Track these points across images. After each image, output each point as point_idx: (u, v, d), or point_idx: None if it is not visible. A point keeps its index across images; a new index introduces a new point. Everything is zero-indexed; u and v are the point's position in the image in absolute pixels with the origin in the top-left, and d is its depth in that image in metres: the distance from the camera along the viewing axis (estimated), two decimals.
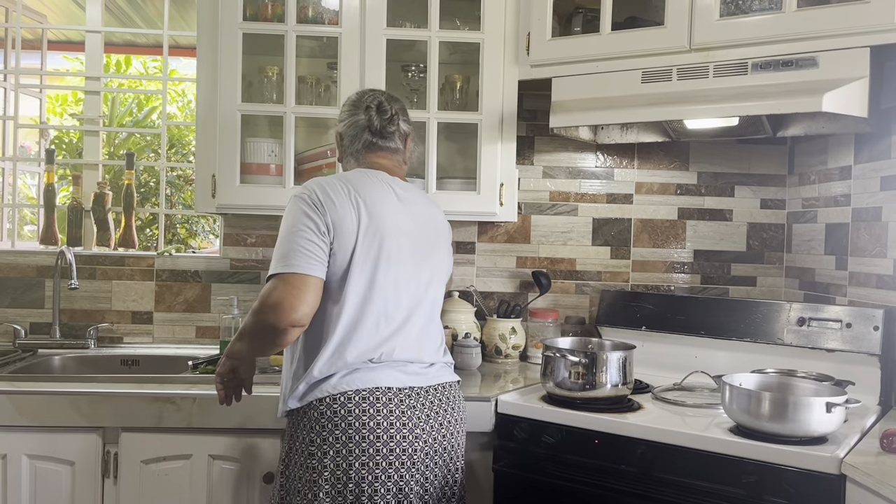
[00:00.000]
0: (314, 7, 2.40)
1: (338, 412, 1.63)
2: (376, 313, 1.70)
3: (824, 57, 1.89)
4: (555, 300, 2.76)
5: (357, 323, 1.68)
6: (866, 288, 2.19)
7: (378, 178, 1.80)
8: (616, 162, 2.76)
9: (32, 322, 2.69)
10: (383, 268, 1.71)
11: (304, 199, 1.69)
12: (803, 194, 2.59)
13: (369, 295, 1.69)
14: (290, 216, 1.68)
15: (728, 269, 2.75)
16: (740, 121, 2.32)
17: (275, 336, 1.62)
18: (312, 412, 1.66)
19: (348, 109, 1.88)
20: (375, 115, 1.83)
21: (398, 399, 1.68)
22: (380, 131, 1.84)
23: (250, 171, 2.39)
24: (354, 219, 1.69)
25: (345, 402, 1.64)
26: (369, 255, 1.69)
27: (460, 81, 2.54)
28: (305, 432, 1.66)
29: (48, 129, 3.45)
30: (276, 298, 1.59)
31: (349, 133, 1.87)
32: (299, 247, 1.63)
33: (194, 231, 4.86)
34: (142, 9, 3.54)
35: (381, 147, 1.85)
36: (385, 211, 1.74)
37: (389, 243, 1.72)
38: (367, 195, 1.74)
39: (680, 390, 2.15)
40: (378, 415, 1.64)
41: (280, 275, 1.62)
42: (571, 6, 2.44)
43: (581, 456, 1.88)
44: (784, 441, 1.65)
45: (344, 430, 1.62)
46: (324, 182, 1.74)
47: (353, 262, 1.67)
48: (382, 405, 1.66)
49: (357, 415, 1.63)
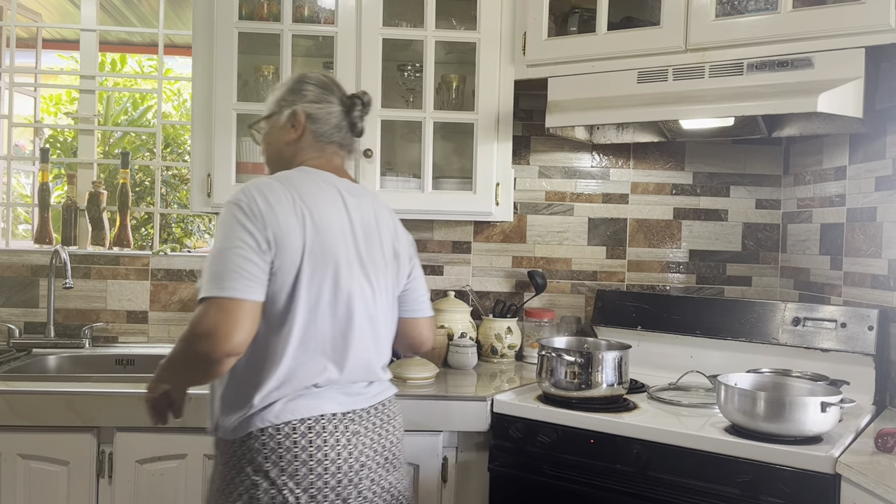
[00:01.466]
0: (310, 6, 2.40)
1: (282, 443, 1.47)
2: (324, 336, 1.53)
3: (820, 57, 1.90)
4: (550, 300, 2.76)
5: (303, 347, 1.50)
6: (861, 288, 2.19)
7: (325, 181, 1.60)
8: (612, 162, 2.77)
9: (27, 321, 2.68)
10: (331, 286, 1.53)
11: (242, 207, 1.46)
12: (798, 194, 2.60)
13: (315, 317, 1.51)
14: (225, 228, 1.46)
15: (723, 269, 2.76)
16: (736, 121, 2.33)
17: (208, 367, 1.43)
18: (253, 442, 1.48)
19: (318, 91, 1.65)
20: (360, 112, 1.67)
21: (343, 425, 1.53)
22: (359, 131, 1.69)
23: (246, 171, 2.38)
24: (300, 233, 1.49)
25: (289, 432, 1.48)
26: (316, 273, 1.50)
27: (456, 81, 2.54)
28: (245, 463, 1.49)
29: (43, 128, 3.44)
30: (209, 326, 1.39)
31: (323, 119, 1.64)
32: (235, 266, 1.42)
33: (189, 230, 4.85)
34: (137, 7, 3.53)
35: (345, 146, 1.68)
36: (333, 223, 1.55)
37: (338, 258, 1.53)
38: (314, 203, 1.53)
39: (675, 390, 2.15)
40: (325, 445, 1.50)
41: (213, 299, 1.40)
42: (567, 6, 2.45)
43: (577, 455, 1.89)
44: (779, 440, 1.66)
45: (290, 462, 1.47)
46: (264, 187, 1.51)
47: (298, 280, 1.48)
48: (329, 434, 1.51)
49: (303, 446, 1.48)
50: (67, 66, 4.65)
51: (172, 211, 4.49)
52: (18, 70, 2.95)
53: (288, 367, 1.49)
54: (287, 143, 1.65)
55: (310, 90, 1.65)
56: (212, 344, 1.39)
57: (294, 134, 1.64)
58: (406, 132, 2.67)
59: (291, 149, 1.65)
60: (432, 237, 2.76)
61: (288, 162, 1.65)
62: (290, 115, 1.64)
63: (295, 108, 1.63)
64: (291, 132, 1.64)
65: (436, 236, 2.76)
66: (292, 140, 1.64)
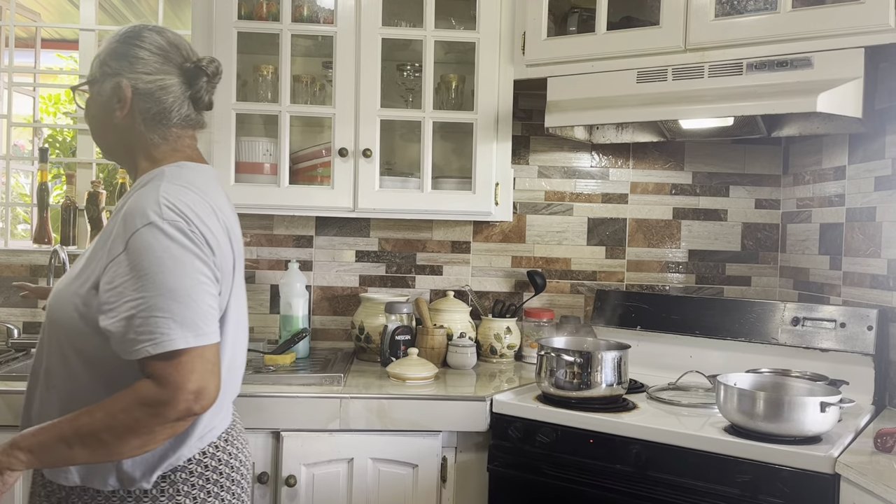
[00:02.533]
0: (309, 6, 2.40)
1: (209, 465, 1.38)
2: (241, 350, 1.46)
3: (819, 57, 1.90)
4: (550, 300, 2.76)
5: (232, 367, 1.41)
6: (860, 288, 2.19)
7: (215, 178, 1.46)
8: (611, 162, 2.77)
9: (25, 321, 2.68)
10: (243, 300, 1.45)
11: (185, 232, 1.24)
12: (798, 194, 2.60)
13: (237, 334, 1.43)
14: (176, 260, 1.22)
15: (723, 269, 2.76)
16: (735, 121, 2.33)
17: (181, 428, 1.25)
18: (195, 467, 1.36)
19: (153, 59, 1.36)
20: (207, 85, 1.42)
21: (238, 429, 1.50)
22: (207, 105, 1.44)
23: (245, 171, 2.38)
24: (230, 253, 1.36)
25: (214, 451, 1.39)
26: (235, 289, 1.39)
27: (456, 81, 2.53)
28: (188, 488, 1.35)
29: (42, 128, 3.43)
30: (201, 383, 1.21)
31: (155, 97, 1.36)
32: (207, 307, 1.25)
33: None
34: (136, 7, 3.53)
35: (197, 126, 1.45)
36: (235, 228, 1.42)
37: (241, 268, 1.43)
38: (224, 211, 1.38)
39: (675, 390, 2.15)
40: (238, 452, 1.46)
41: (195, 349, 1.21)
42: (567, 6, 2.45)
43: (576, 456, 1.88)
44: (778, 440, 1.66)
45: (220, 484, 1.40)
46: (192, 204, 1.28)
47: (229, 302, 1.36)
48: (237, 440, 1.47)
49: (226, 460, 1.41)
50: (66, 65, 4.64)
51: None
52: (17, 70, 2.94)
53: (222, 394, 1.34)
54: (115, 124, 1.38)
55: (143, 57, 1.35)
56: (203, 402, 1.22)
57: (120, 113, 1.36)
58: (405, 132, 2.67)
59: (130, 135, 1.38)
60: (431, 237, 2.76)
61: (130, 151, 1.41)
62: (114, 87, 1.35)
63: (120, 79, 1.35)
64: (117, 109, 1.36)
65: (435, 236, 2.76)
66: (120, 119, 1.36)
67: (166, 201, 1.25)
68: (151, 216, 1.23)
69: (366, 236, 2.74)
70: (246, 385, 2.04)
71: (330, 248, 2.74)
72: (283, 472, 2.00)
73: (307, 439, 2.00)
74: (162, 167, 1.37)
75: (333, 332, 2.75)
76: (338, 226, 2.73)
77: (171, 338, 1.19)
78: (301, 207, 2.37)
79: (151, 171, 1.37)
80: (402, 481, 2.03)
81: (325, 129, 2.61)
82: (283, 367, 2.26)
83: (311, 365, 2.37)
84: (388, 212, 2.38)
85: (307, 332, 2.46)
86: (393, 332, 2.37)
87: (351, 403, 2.00)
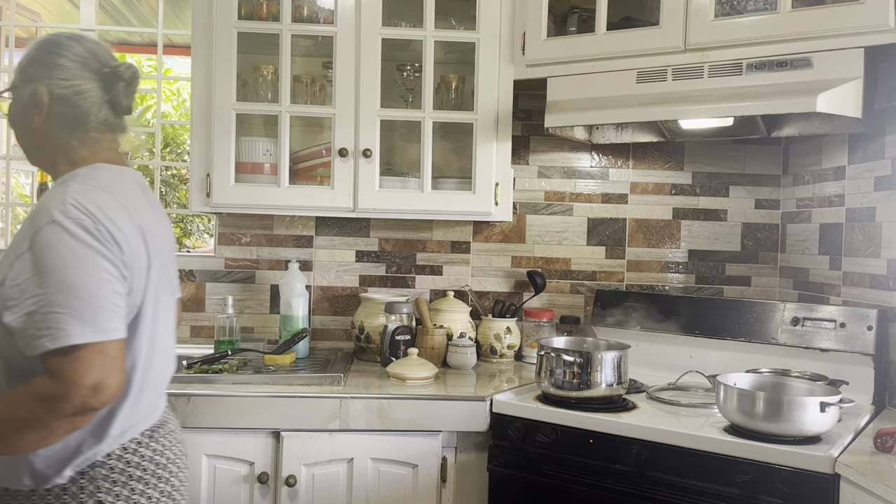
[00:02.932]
0: (309, 6, 2.40)
1: (130, 461, 1.38)
2: (164, 347, 1.47)
3: (819, 57, 1.90)
4: (550, 300, 2.76)
5: (150, 366, 1.42)
6: (860, 288, 2.19)
7: (133, 180, 1.47)
8: (611, 162, 2.77)
9: None
10: (164, 297, 1.46)
11: (89, 230, 1.26)
12: (797, 194, 2.60)
13: (157, 333, 1.43)
14: (76, 257, 1.24)
15: (722, 269, 2.76)
16: (735, 121, 2.33)
17: (76, 424, 1.26)
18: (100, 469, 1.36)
19: (72, 66, 1.40)
20: (125, 90, 1.45)
21: (167, 426, 1.50)
22: (126, 109, 1.47)
23: (245, 171, 2.38)
24: (143, 252, 1.38)
25: (136, 447, 1.40)
26: (152, 288, 1.40)
27: (455, 81, 2.54)
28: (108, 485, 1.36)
29: None
30: (98, 378, 1.21)
31: (72, 102, 1.40)
32: (109, 303, 1.26)
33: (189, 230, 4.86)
34: (136, 7, 3.53)
35: (116, 130, 1.48)
36: (152, 228, 1.44)
37: (163, 266, 1.45)
38: (139, 211, 1.40)
39: (674, 390, 2.15)
40: (165, 449, 1.47)
41: (93, 344, 1.22)
42: (567, 6, 2.45)
43: (576, 455, 1.89)
44: (778, 440, 1.66)
45: (144, 481, 1.40)
46: (101, 203, 1.31)
47: (144, 300, 1.38)
48: (163, 437, 1.47)
49: (150, 457, 1.42)
50: None
51: (171, 211, 4.49)
52: None
53: (136, 393, 1.39)
54: (35, 129, 1.41)
55: (60, 64, 1.39)
56: (101, 397, 1.23)
57: (38, 118, 1.40)
58: (405, 132, 2.67)
59: (50, 139, 1.42)
60: (431, 237, 2.76)
61: (51, 155, 1.44)
62: (32, 93, 1.39)
63: (37, 85, 1.39)
64: (35, 115, 1.40)
65: (435, 236, 2.76)
66: (38, 124, 1.40)
67: (73, 200, 1.28)
68: (55, 214, 1.26)
69: (366, 236, 2.74)
70: (246, 385, 2.05)
71: (330, 248, 2.74)
72: (283, 472, 2.00)
73: (307, 439, 2.01)
74: (77, 169, 1.40)
75: (333, 332, 2.75)
76: (338, 226, 2.74)
77: (69, 333, 1.21)
78: (301, 207, 2.37)
79: (68, 174, 1.40)
80: (402, 481, 2.03)
81: (325, 129, 2.61)
82: (283, 367, 2.26)
83: (311, 365, 2.37)
84: (388, 212, 2.38)
85: (307, 332, 2.46)
86: (393, 332, 2.37)
87: (351, 403, 2.00)
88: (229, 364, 2.27)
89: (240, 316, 2.62)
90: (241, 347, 2.46)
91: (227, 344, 2.44)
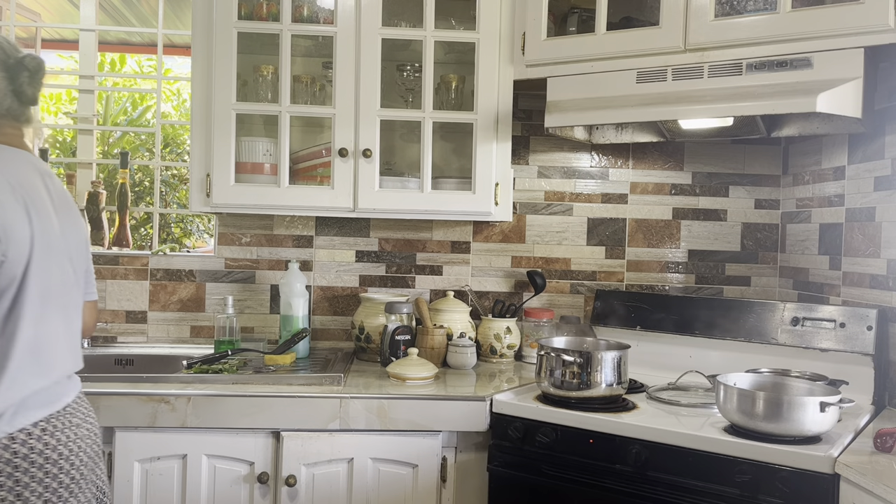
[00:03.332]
0: (309, 6, 2.40)
1: (18, 452, 1.37)
2: (54, 332, 1.47)
3: (818, 57, 1.90)
4: (550, 300, 2.76)
5: (35, 346, 1.42)
6: (860, 288, 2.19)
7: (26, 160, 1.52)
8: (611, 162, 2.77)
9: None
10: (57, 274, 1.47)
11: None
12: (797, 194, 2.60)
13: (45, 315, 1.44)
14: None
15: (722, 269, 2.76)
16: (735, 121, 2.33)
17: None
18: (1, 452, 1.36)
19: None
20: (29, 80, 1.53)
21: (67, 420, 1.48)
22: (31, 99, 1.54)
23: (245, 171, 2.38)
24: (26, 223, 1.41)
25: (25, 438, 1.39)
26: (37, 266, 1.42)
27: (455, 81, 2.54)
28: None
29: (42, 128, 3.43)
30: None
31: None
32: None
33: (189, 230, 4.86)
34: (136, 7, 3.53)
35: (19, 117, 1.54)
36: (45, 205, 1.48)
37: (56, 244, 1.48)
38: (29, 190, 1.45)
39: (674, 390, 2.15)
40: (59, 445, 1.44)
41: None
42: (567, 6, 2.45)
43: (576, 455, 1.89)
44: (778, 440, 1.66)
45: (26, 470, 1.38)
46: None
47: (27, 276, 1.40)
48: (60, 432, 1.45)
49: (40, 450, 1.40)
50: (67, 65, 4.65)
51: (172, 211, 4.49)
52: None
53: (17, 372, 1.39)
54: None
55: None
56: None
57: None
58: (405, 132, 2.67)
59: None
60: (431, 237, 2.76)
61: None
62: None
63: None
64: None
65: (435, 236, 2.76)
66: None
67: None
68: None
69: (366, 236, 2.74)
70: (246, 385, 2.05)
71: (330, 248, 2.74)
72: (283, 472, 2.00)
73: (307, 439, 2.01)
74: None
75: (333, 332, 2.75)
76: (338, 226, 2.74)
77: None
78: (301, 207, 2.37)
79: None
80: (402, 481, 2.03)
81: (325, 129, 2.61)
82: (283, 367, 2.27)
83: (311, 365, 2.37)
84: (388, 212, 2.38)
85: (307, 332, 2.47)
86: (393, 332, 2.37)
87: (351, 403, 2.00)
88: (229, 364, 2.27)
89: (240, 316, 2.63)
90: (241, 347, 2.46)
91: (227, 344, 2.45)
